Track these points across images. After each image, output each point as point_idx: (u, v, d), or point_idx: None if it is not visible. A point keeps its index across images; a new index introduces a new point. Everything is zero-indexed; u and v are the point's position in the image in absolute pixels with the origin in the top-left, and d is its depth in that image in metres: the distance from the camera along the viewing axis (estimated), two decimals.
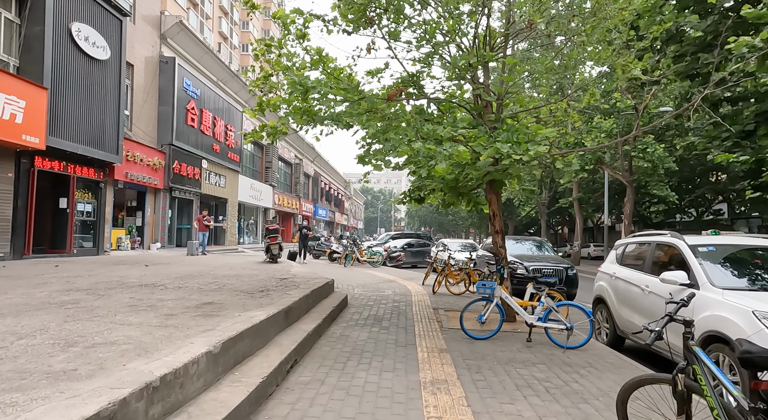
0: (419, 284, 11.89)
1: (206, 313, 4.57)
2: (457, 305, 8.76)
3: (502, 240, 7.22)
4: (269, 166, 33.89)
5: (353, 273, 14.39)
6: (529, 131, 5.46)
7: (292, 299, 5.71)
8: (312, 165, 48.91)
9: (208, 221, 17.52)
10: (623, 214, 20.07)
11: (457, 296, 10.01)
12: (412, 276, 14.18)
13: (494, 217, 7.24)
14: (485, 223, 57.87)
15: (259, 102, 6.71)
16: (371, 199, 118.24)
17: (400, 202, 9.12)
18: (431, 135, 5.45)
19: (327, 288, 7.96)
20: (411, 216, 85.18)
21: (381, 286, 11.13)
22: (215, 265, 11.09)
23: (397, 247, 20.73)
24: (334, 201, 61.59)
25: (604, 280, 6.43)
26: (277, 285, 7.36)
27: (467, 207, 8.83)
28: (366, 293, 9.89)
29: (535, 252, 13.07)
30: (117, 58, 14.99)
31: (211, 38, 48.52)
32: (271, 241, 12.49)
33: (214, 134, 23.16)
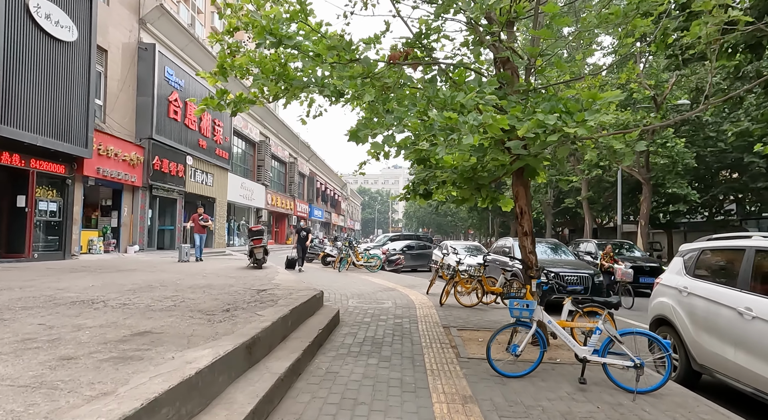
0: (423, 293, 10.43)
1: (124, 355, 3.10)
2: (471, 321, 7.30)
3: (532, 244, 5.77)
4: (261, 165, 32.38)
5: (348, 279, 12.92)
6: (581, 99, 4.00)
7: (262, 324, 4.24)
8: (307, 164, 47.43)
9: (205, 221, 14.10)
10: (639, 213, 18.67)
11: (469, 309, 8.56)
12: (414, 282, 12.72)
13: (522, 216, 5.79)
14: (485, 224, 56.43)
15: (221, 63, 5.24)
16: (368, 200, 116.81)
17: (402, 198, 7.67)
18: (449, 103, 3.99)
19: (314, 303, 6.49)
20: (409, 217, 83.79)
21: (380, 297, 9.67)
22: (188, 273, 9.60)
23: (396, 250, 19.28)
24: (330, 201, 60.10)
25: (668, 296, 4.98)
26: (251, 300, 5.88)
27: (483, 204, 7.39)
28: (362, 306, 8.43)
29: (552, 255, 11.65)
30: (86, 41, 13.48)
31: (203, 33, 46.99)
32: (255, 243, 11.00)
33: (201, 129, 21.66)
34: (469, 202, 6.72)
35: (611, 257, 11.37)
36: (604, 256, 11.46)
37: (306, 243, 15.18)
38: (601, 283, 9.81)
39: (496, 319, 7.61)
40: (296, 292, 6.73)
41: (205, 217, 14.19)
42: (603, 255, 11.53)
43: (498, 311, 8.48)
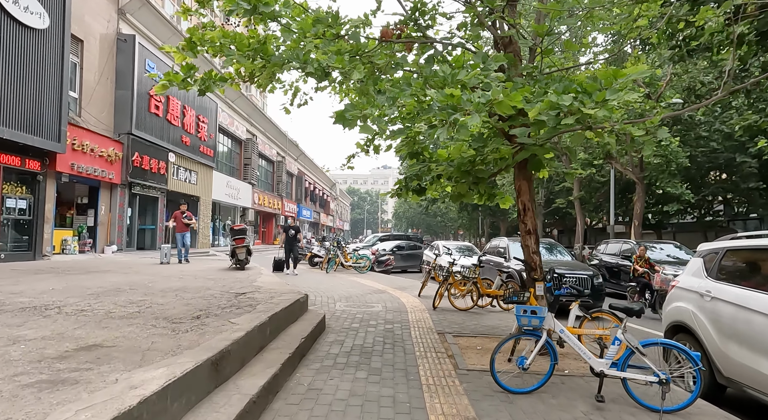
0: (414, 295, 9.92)
1: (57, 377, 2.53)
2: (467, 327, 6.81)
3: (536, 243, 5.29)
4: (248, 163, 31.63)
5: (336, 281, 12.36)
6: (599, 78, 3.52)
7: (234, 335, 3.69)
8: (296, 163, 46.71)
9: (189, 219, 13.09)
10: (633, 213, 18.39)
11: (464, 313, 8.06)
12: (405, 284, 12.20)
13: (525, 213, 5.30)
14: (474, 224, 56.15)
15: (190, 38, 4.67)
16: (358, 201, 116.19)
17: (394, 194, 7.15)
18: (449, 81, 3.48)
19: (297, 307, 5.94)
20: (398, 217, 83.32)
21: (369, 299, 9.13)
22: (164, 275, 8.96)
23: (386, 250, 18.76)
24: (319, 201, 59.39)
25: (687, 300, 4.53)
26: (226, 305, 5.31)
27: (480, 201, 6.92)
28: (350, 309, 7.89)
29: (547, 256, 11.22)
30: (58, 29, 12.75)
31: None
32: (237, 243, 10.38)
33: (184, 125, 20.91)
34: (466, 198, 6.23)
35: (646, 261, 10.35)
36: (637, 259, 10.46)
37: (297, 243, 13.89)
38: (601, 285, 9.39)
39: (493, 324, 7.13)
40: (278, 296, 6.17)
41: (188, 215, 13.13)
42: (636, 258, 10.53)
43: (495, 315, 8.00)
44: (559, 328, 3.82)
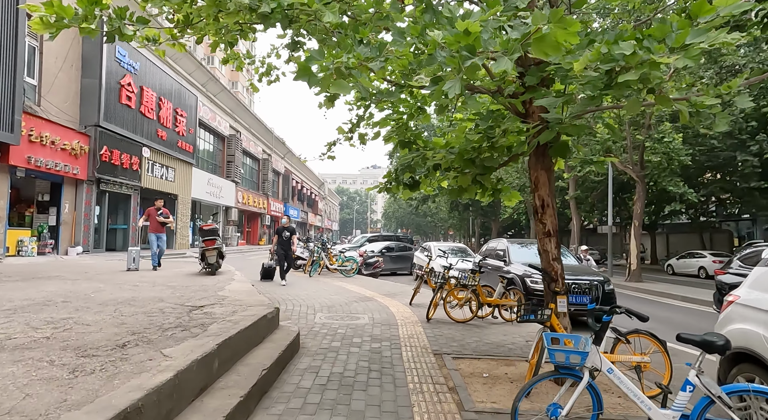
0: (405, 303, 8.90)
1: None
2: (467, 344, 5.79)
3: (556, 248, 4.29)
4: (231, 161, 30.35)
5: (319, 286, 11.28)
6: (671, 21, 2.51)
7: (156, 379, 2.62)
8: (282, 161, 45.44)
9: (166, 216, 10.85)
10: (634, 213, 17.58)
11: (462, 325, 7.05)
12: (395, 289, 11.17)
13: (543, 210, 4.30)
14: (465, 225, 55.32)
15: None
16: (347, 200, 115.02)
17: (382, 189, 6.12)
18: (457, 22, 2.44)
19: (263, 326, 4.86)
20: (388, 217, 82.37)
21: (354, 309, 8.08)
22: (117, 282, 7.81)
23: (374, 252, 17.72)
24: (306, 201, 58.14)
25: (754, 321, 3.55)
26: (171, 326, 4.22)
27: (483, 197, 5.93)
28: (332, 323, 6.82)
29: None
30: (10, 8, 11.49)
31: None
32: (207, 245, 9.25)
33: (160, 118, 19.65)
34: (467, 193, 5.21)
35: None
36: None
37: (292, 247, 11.43)
38: (613, 292, 8.46)
39: (498, 340, 6.13)
40: (242, 311, 5.09)
41: (165, 212, 10.91)
42: None
43: (498, 328, 7.00)
44: (606, 366, 2.81)
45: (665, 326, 8.47)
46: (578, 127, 3.34)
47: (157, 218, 10.85)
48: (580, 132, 3.37)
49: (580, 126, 3.36)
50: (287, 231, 11.36)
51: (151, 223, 10.89)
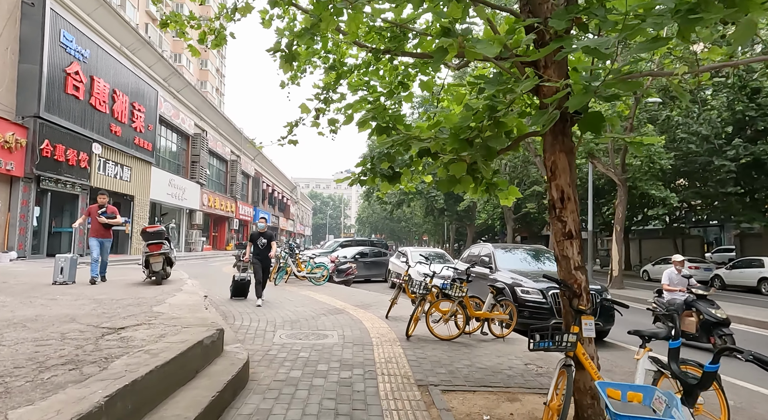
0: (381, 316, 7.84)
1: None
2: (458, 370, 4.77)
3: (579, 253, 3.33)
4: (196, 161, 28.70)
5: (283, 296, 10.09)
6: None
7: None
8: (252, 164, 43.80)
9: (111, 216, 8.35)
10: (615, 218, 17.08)
11: (447, 344, 6.04)
12: (369, 299, 10.08)
13: (563, 204, 3.34)
14: (440, 230, 54.66)
15: None
16: (320, 205, 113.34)
17: (355, 181, 5.07)
18: None
19: (197, 355, 3.71)
20: (362, 222, 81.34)
21: (322, 324, 6.96)
22: (29, 296, 6.46)
23: (347, 258, 16.60)
24: (278, 205, 56.46)
25: None
26: (62, 361, 3.04)
27: (475, 193, 4.99)
28: (294, 343, 5.70)
29: (535, 265, 9.43)
30: None
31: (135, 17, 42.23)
32: (151, 250, 7.92)
33: (114, 112, 18.04)
34: (462, 185, 4.20)
35: None
36: None
37: (270, 255, 8.79)
38: (610, 302, 7.60)
39: (492, 364, 5.14)
40: (173, 335, 3.92)
41: (110, 211, 8.42)
42: None
43: (489, 346, 6.02)
44: None
45: None
46: (630, 83, 2.40)
47: (99, 219, 8.32)
48: (632, 88, 2.42)
49: (632, 83, 2.41)
50: (264, 237, 8.75)
51: (92, 224, 8.47)
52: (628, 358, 6.44)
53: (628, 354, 6.78)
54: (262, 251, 8.75)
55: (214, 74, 60.82)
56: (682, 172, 21.74)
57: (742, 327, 9.76)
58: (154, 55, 22.01)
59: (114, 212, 8.43)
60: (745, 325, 10.10)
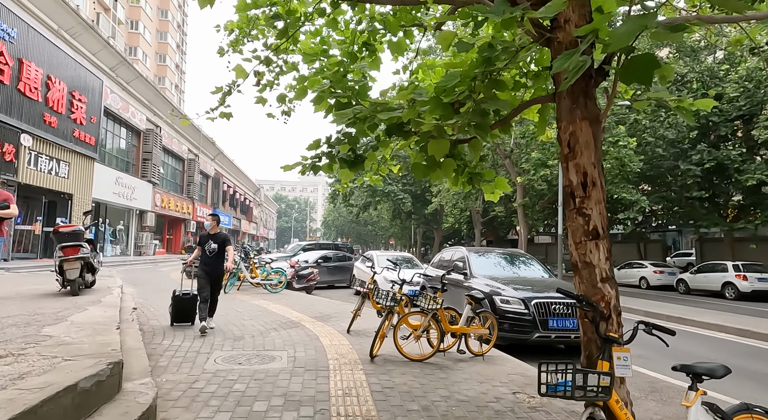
0: (342, 329, 6.80)
1: None
2: (434, 403, 3.80)
3: (608, 259, 2.43)
4: (149, 158, 26.73)
5: (232, 307, 8.89)
6: None
7: None
8: (212, 163, 41.75)
9: (6, 206, 5.62)
10: None
11: (419, 366, 5.07)
12: (330, 309, 9.00)
13: (586, 191, 2.45)
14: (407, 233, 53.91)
15: None
16: (285, 208, 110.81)
17: (306, 169, 4.05)
18: None
19: (67, 408, 2.56)
20: (327, 225, 79.85)
21: (271, 342, 5.86)
22: None
23: (308, 262, 15.44)
24: (240, 207, 54.30)
25: None
26: None
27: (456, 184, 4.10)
28: (231, 370, 4.58)
29: (512, 270, 8.63)
30: None
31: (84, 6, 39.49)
32: (66, 254, 6.57)
33: (48, 101, 16.21)
34: (442, 170, 3.25)
35: None
36: None
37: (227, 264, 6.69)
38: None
39: (475, 394, 4.20)
40: (36, 376, 2.77)
41: (2, 198, 5.72)
42: None
43: (469, 368, 5.09)
44: None
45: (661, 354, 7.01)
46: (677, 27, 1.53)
47: None
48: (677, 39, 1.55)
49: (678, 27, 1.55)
50: (214, 240, 6.46)
51: None
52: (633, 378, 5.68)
53: None
54: (211, 259, 6.44)
55: (173, 70, 58.16)
56: (647, 177, 21.78)
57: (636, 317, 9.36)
58: (99, 41, 20.17)
59: (7, 199, 5.82)
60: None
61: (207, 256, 6.52)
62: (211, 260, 6.49)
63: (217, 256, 6.53)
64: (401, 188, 34.20)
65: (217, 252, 6.51)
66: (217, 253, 6.52)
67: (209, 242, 6.54)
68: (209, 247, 6.50)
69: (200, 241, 6.65)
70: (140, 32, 47.72)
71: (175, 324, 6.59)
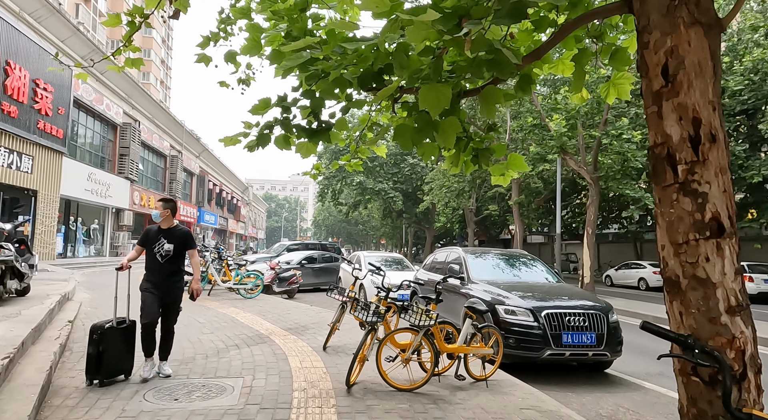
0: (317, 346, 5.72)
1: None
2: None
3: (736, 274, 1.37)
4: (126, 154, 25.35)
5: (194, 316, 7.76)
6: None
7: None
8: (197, 161, 40.37)
9: None
10: (587, 219, 15.75)
11: (409, 396, 4.01)
12: (308, 318, 7.90)
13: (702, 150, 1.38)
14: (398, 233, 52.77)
15: None
16: (275, 207, 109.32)
17: (255, 144, 2.96)
18: None
19: None
20: (317, 225, 78.69)
21: (224, 367, 4.75)
22: None
23: (291, 264, 14.34)
24: (227, 206, 52.88)
25: None
26: None
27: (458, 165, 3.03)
28: (158, 411, 3.47)
29: (518, 274, 7.58)
30: None
31: None
32: None
33: (6, 88, 14.90)
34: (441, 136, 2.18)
35: None
36: None
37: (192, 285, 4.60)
38: (618, 324, 5.86)
39: None
40: None
41: None
42: None
43: (471, 400, 4.03)
44: None
45: None
46: None
47: None
48: None
49: None
50: (170, 239, 4.42)
51: None
52: (656, 402, 4.67)
53: (650, 397, 5.01)
54: (163, 270, 4.34)
55: (158, 65, 56.55)
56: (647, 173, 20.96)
57: None
58: (68, 27, 18.84)
59: None
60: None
61: (157, 264, 4.31)
62: (164, 271, 4.31)
63: (172, 264, 4.35)
64: (392, 186, 33.13)
65: (172, 257, 4.34)
66: (173, 258, 4.35)
67: (161, 241, 4.33)
68: (160, 250, 4.32)
69: (145, 238, 4.41)
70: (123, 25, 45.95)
71: (97, 381, 3.92)
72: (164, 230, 4.42)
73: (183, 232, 4.52)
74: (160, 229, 4.43)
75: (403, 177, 33.58)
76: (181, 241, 4.43)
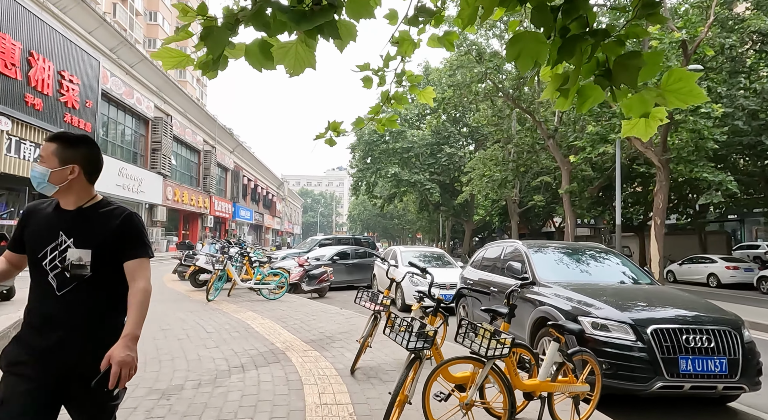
0: (343, 368, 4.44)
1: None
2: None
3: None
4: (158, 149, 25.09)
5: (199, 324, 6.66)
6: None
7: None
8: (231, 156, 40.20)
9: None
10: (654, 208, 13.79)
11: None
12: (336, 326, 6.64)
13: None
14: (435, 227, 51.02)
15: None
16: (311, 203, 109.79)
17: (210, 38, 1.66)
18: None
19: None
20: (353, 220, 77.95)
21: (218, 403, 3.54)
22: None
23: (321, 260, 13.20)
24: (263, 201, 52.85)
25: None
26: None
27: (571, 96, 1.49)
28: None
29: (597, 275, 5.95)
30: None
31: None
32: None
33: (31, 80, 14.47)
34: None
35: None
36: None
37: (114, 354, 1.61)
38: (754, 345, 4.25)
39: None
40: None
41: None
42: None
43: None
44: None
45: None
46: None
47: None
48: None
49: None
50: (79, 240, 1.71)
51: None
52: None
53: None
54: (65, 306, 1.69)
55: None
56: (718, 156, 18.56)
57: None
58: (95, 18, 18.41)
59: None
60: None
61: (49, 296, 1.70)
62: (68, 313, 1.70)
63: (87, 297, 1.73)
64: (428, 177, 31.59)
65: (87, 280, 1.72)
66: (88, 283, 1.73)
67: (59, 242, 1.72)
68: (57, 262, 1.71)
69: (21, 233, 1.80)
70: (159, 23, 46.52)
71: None
72: (67, 214, 1.78)
73: (116, 218, 1.79)
74: (58, 213, 1.79)
75: (440, 167, 31.96)
76: (111, 239, 1.77)
